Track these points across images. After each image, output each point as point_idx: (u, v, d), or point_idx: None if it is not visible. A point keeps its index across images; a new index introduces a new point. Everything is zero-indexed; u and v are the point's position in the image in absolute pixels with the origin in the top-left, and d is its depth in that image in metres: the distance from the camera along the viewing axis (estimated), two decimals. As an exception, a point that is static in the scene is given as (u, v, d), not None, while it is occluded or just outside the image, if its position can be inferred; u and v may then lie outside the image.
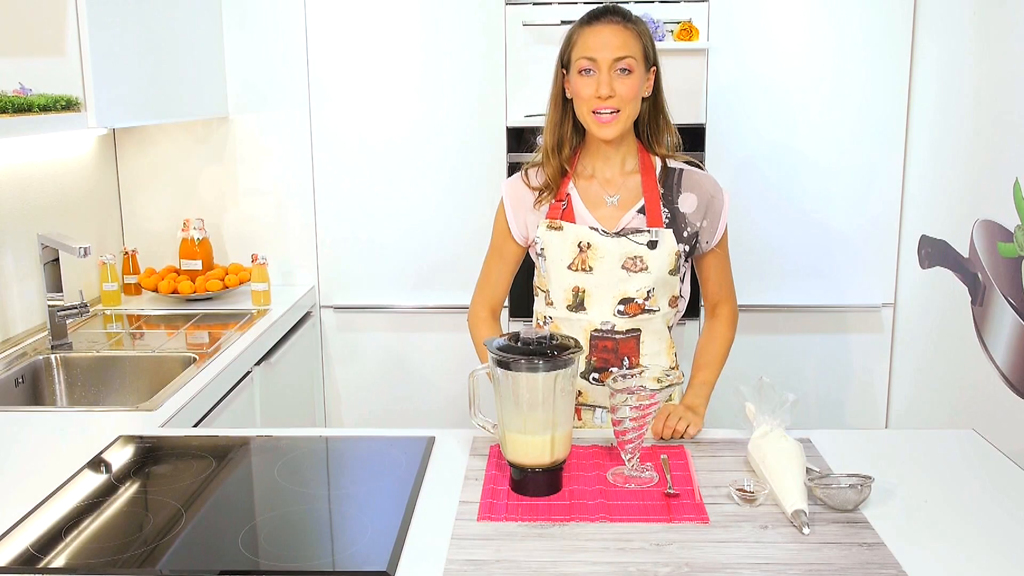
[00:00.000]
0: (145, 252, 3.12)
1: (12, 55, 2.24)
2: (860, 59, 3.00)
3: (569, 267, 1.78)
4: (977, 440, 1.69)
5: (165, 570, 1.26)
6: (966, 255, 2.69)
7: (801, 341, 3.20)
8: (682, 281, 1.85)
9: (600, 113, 1.71)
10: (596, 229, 1.77)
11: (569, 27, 1.79)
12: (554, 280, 1.81)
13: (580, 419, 1.87)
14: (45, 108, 2.10)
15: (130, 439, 1.74)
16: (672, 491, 1.46)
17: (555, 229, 1.79)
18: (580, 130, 1.81)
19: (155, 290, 2.91)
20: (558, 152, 1.80)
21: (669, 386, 1.91)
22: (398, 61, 3.06)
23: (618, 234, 1.76)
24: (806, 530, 1.33)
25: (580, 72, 1.72)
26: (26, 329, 2.50)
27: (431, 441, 1.69)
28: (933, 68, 2.91)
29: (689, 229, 1.79)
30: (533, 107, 3.06)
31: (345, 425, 3.27)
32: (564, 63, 1.78)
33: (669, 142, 1.84)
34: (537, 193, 1.83)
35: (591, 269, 1.77)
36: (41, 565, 1.28)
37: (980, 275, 2.60)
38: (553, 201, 1.81)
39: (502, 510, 1.41)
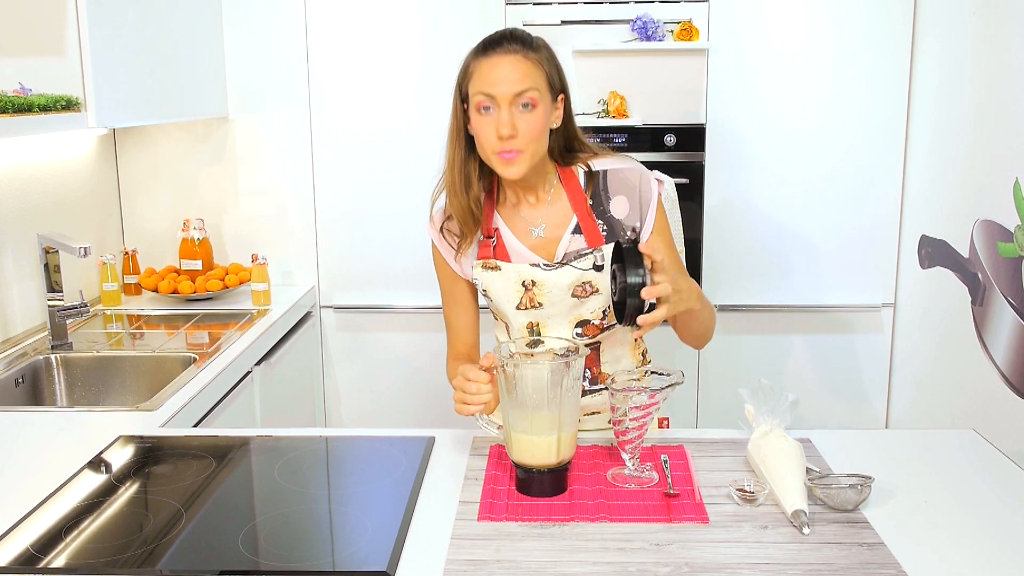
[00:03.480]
0: (145, 252, 3.12)
1: (12, 55, 2.24)
2: (860, 59, 3.00)
3: (518, 307, 1.66)
4: (977, 440, 1.69)
5: (165, 570, 1.26)
6: (966, 255, 2.69)
7: (801, 341, 3.20)
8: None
9: (503, 153, 1.54)
10: (537, 265, 1.64)
11: (466, 55, 1.61)
12: (506, 318, 1.70)
13: None
14: (45, 108, 2.10)
15: (130, 439, 1.74)
16: (672, 491, 1.46)
17: (491, 269, 1.66)
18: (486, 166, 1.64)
19: (155, 290, 2.92)
20: (465, 192, 1.63)
21: (670, 386, 1.90)
22: (398, 61, 3.06)
23: (560, 264, 1.64)
24: (806, 530, 1.33)
25: (479, 110, 1.54)
26: (26, 329, 2.50)
27: (431, 441, 1.69)
28: (933, 68, 2.91)
29: (628, 234, 1.67)
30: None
31: (345, 425, 3.27)
32: (462, 96, 1.60)
33: (583, 154, 1.70)
34: (455, 241, 1.68)
35: (541, 305, 1.65)
36: (41, 565, 1.28)
37: (980, 275, 2.60)
38: (482, 238, 1.67)
39: (502, 510, 1.41)
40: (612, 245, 1.57)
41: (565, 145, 1.68)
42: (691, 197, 3.09)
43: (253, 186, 3.16)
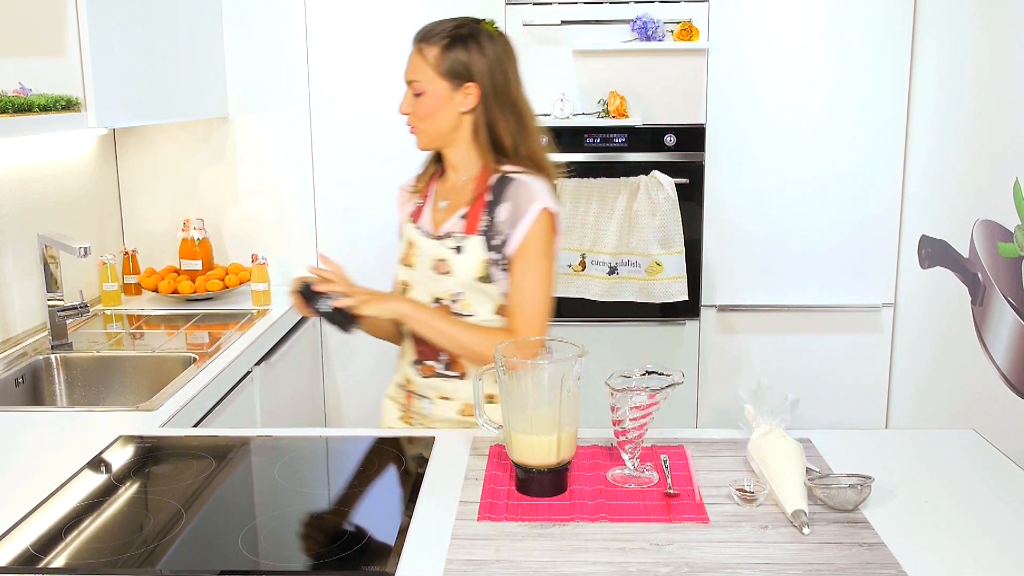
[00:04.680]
0: (145, 252, 3.12)
1: (12, 55, 2.24)
2: (860, 59, 3.01)
3: (401, 260, 1.90)
4: (977, 440, 1.69)
5: (165, 570, 1.26)
6: (966, 255, 2.69)
7: (801, 341, 3.21)
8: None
9: (408, 126, 1.84)
10: (419, 229, 1.87)
11: None
12: (395, 271, 1.92)
13: (411, 404, 1.91)
14: (45, 108, 2.10)
15: (130, 439, 1.74)
16: (672, 491, 1.46)
17: (404, 224, 1.93)
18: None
19: (155, 290, 2.91)
20: (436, 155, 1.91)
21: (670, 386, 1.90)
22: (398, 61, 3.04)
23: (437, 237, 1.83)
24: (806, 530, 1.33)
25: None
26: (26, 329, 2.50)
27: (431, 441, 1.69)
28: (933, 68, 2.91)
29: (499, 238, 1.77)
30: (533, 107, 3.06)
31: (345, 425, 3.27)
32: None
33: (530, 149, 1.81)
34: (410, 192, 1.96)
35: (413, 266, 1.86)
36: (41, 565, 1.28)
37: (980, 275, 2.60)
38: (420, 201, 1.92)
39: (502, 510, 1.41)
40: (480, 238, 1.77)
41: (486, 129, 1.79)
42: (691, 197, 3.09)
43: (253, 186, 3.16)
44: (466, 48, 1.78)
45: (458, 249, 1.78)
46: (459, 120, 1.80)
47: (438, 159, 1.92)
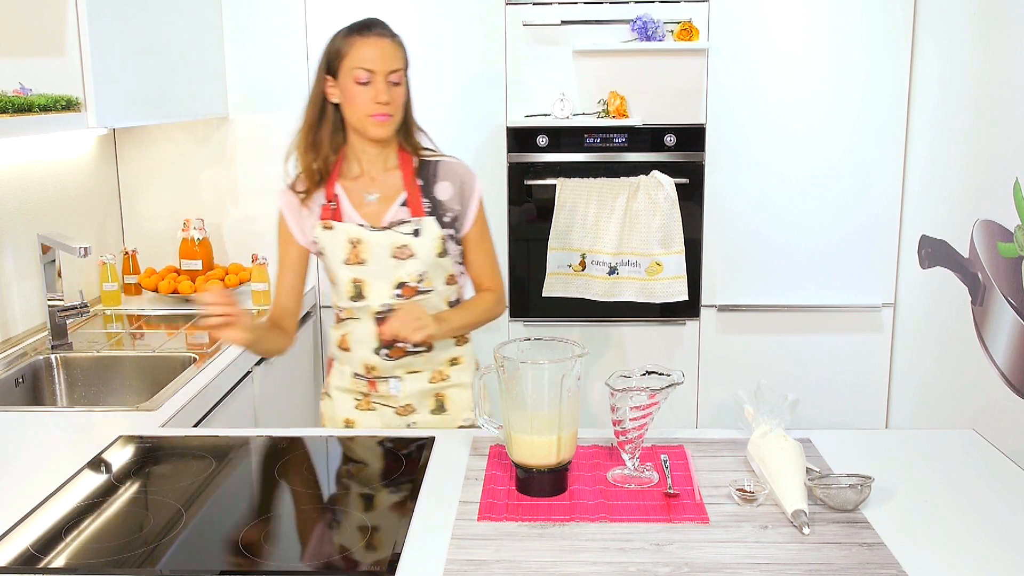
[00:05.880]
0: (145, 252, 3.12)
1: (12, 55, 2.24)
2: (860, 59, 3.00)
3: (345, 262, 1.88)
4: (977, 440, 1.69)
5: (165, 570, 1.26)
6: (966, 255, 2.69)
7: (801, 341, 3.20)
8: (460, 263, 1.96)
9: (377, 116, 1.82)
10: (363, 226, 1.88)
11: (335, 36, 1.87)
12: (336, 275, 1.91)
13: (376, 389, 1.94)
14: (45, 108, 2.10)
15: (130, 439, 1.74)
16: (672, 491, 1.46)
17: (328, 229, 1.89)
18: (337, 134, 1.90)
19: (155, 290, 2.91)
20: (314, 151, 1.89)
21: (670, 386, 1.90)
22: (398, 61, 3.06)
23: (385, 228, 1.87)
24: (806, 530, 1.33)
25: (356, 82, 1.81)
26: (26, 329, 2.50)
27: (431, 441, 1.69)
28: (933, 68, 2.91)
29: (449, 215, 1.91)
30: (533, 107, 3.06)
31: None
32: (331, 71, 1.86)
33: (426, 143, 1.96)
34: (303, 196, 1.92)
35: (364, 262, 1.87)
36: (41, 565, 1.28)
37: (980, 275, 2.60)
38: (324, 203, 1.90)
39: (502, 510, 1.41)
40: (431, 218, 1.88)
41: (407, 119, 1.92)
42: (691, 197, 3.09)
43: (253, 186, 3.16)
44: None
45: (416, 232, 1.86)
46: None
47: (305, 164, 1.90)
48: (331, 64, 1.86)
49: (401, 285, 1.87)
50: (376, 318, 1.88)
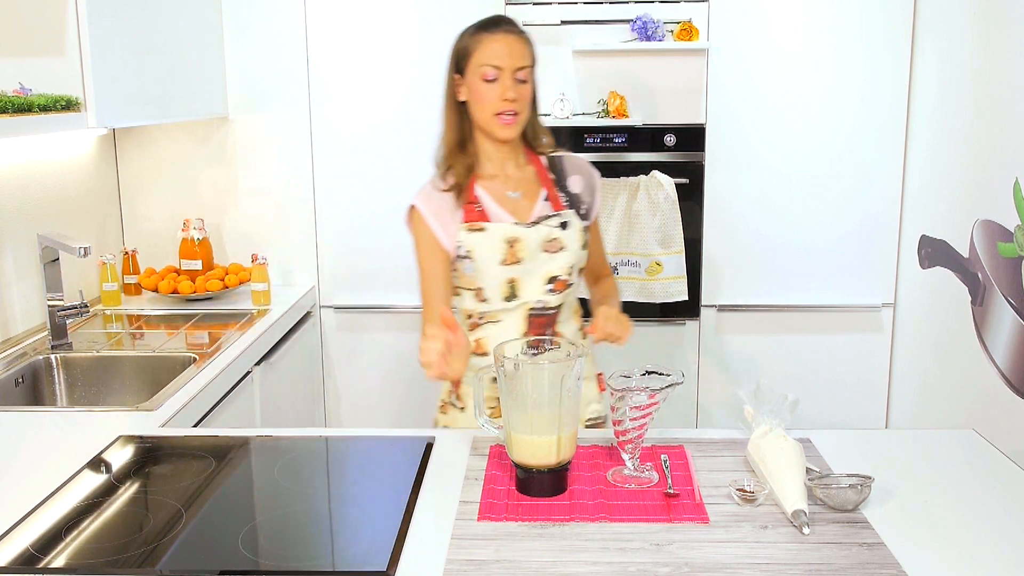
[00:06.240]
0: (145, 252, 3.12)
1: (12, 55, 2.24)
2: (860, 59, 3.00)
3: (501, 263, 1.84)
4: (977, 440, 1.69)
5: (165, 570, 1.26)
6: (966, 255, 2.69)
7: (801, 341, 3.20)
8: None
9: (503, 115, 1.81)
10: (518, 224, 1.86)
11: (463, 34, 1.88)
12: (486, 277, 1.86)
13: None
14: (45, 108, 2.10)
15: (130, 439, 1.74)
16: (672, 491, 1.46)
17: (478, 231, 1.85)
18: (475, 133, 1.91)
19: (155, 290, 2.91)
20: (462, 149, 1.88)
21: (670, 386, 1.90)
22: (398, 61, 3.06)
23: (534, 223, 1.86)
24: (806, 530, 1.33)
25: (483, 79, 1.80)
26: (26, 329, 2.50)
27: (431, 441, 1.69)
28: (933, 68, 2.91)
29: (583, 207, 1.93)
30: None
31: (345, 425, 3.27)
32: (459, 69, 1.86)
33: (545, 139, 1.97)
34: (454, 192, 1.88)
35: (520, 260, 1.85)
36: (41, 565, 1.28)
37: (980, 275, 2.60)
38: (465, 204, 1.87)
39: (502, 510, 1.41)
40: (571, 211, 1.90)
41: (534, 117, 1.92)
42: (691, 197, 3.09)
43: (253, 186, 3.16)
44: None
45: (563, 225, 1.87)
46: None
47: (455, 161, 1.88)
48: (459, 62, 1.86)
49: (552, 280, 1.86)
50: (530, 315, 1.86)
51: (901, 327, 3.15)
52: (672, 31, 3.00)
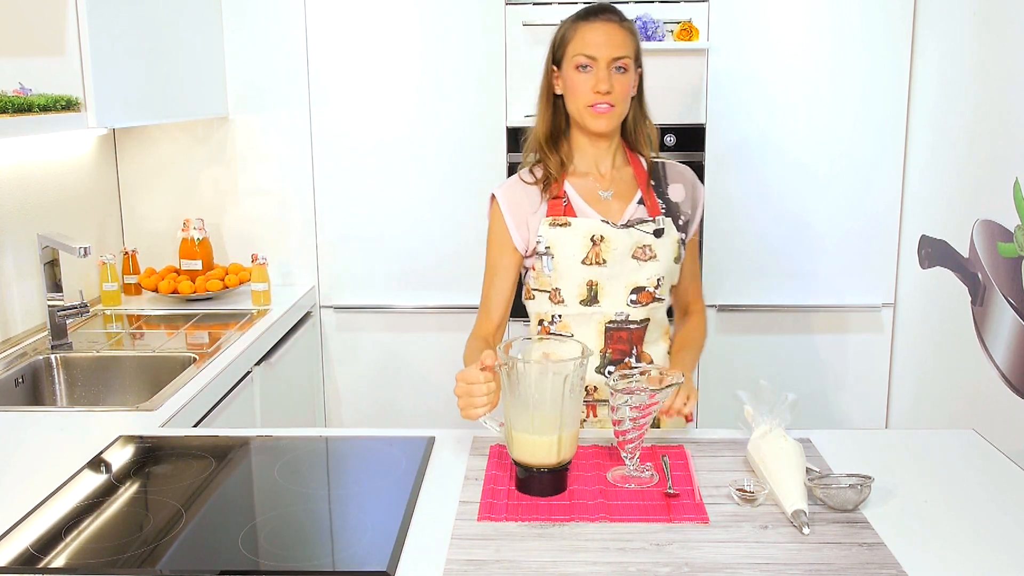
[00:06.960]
0: (145, 252, 3.12)
1: (12, 55, 2.24)
2: (860, 59, 3.00)
3: (583, 262, 1.74)
4: (977, 440, 1.69)
5: (165, 570, 1.26)
6: (966, 255, 2.69)
7: (801, 341, 3.20)
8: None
9: (596, 106, 1.72)
10: (606, 222, 1.76)
11: (562, 23, 1.80)
12: (565, 276, 1.76)
13: (596, 415, 1.83)
14: (45, 108, 2.10)
15: (130, 439, 1.74)
16: (672, 491, 1.46)
17: (561, 226, 1.75)
18: (569, 129, 1.83)
19: (155, 290, 2.91)
20: (554, 143, 1.81)
21: (670, 386, 1.90)
22: (398, 61, 3.06)
23: (625, 226, 1.76)
24: (806, 530, 1.33)
25: (578, 68, 1.72)
26: (26, 329, 2.50)
27: (431, 441, 1.69)
28: (933, 68, 2.91)
29: (682, 218, 1.83)
30: (533, 107, 3.05)
31: (345, 425, 3.27)
32: (556, 59, 1.79)
33: (651, 140, 1.87)
34: (541, 186, 1.80)
35: (604, 262, 1.74)
36: (41, 565, 1.28)
37: (980, 275, 2.60)
38: (551, 199, 1.79)
39: (502, 510, 1.41)
40: (669, 219, 1.79)
41: (639, 115, 1.83)
42: (691, 197, 3.08)
43: (253, 186, 3.16)
44: (637, 33, 1.79)
45: (658, 233, 1.76)
46: (628, 104, 1.80)
47: (545, 155, 1.80)
48: (556, 53, 1.78)
49: (638, 290, 1.75)
50: (608, 328, 1.76)
51: (901, 327, 3.15)
52: (672, 31, 3.00)
